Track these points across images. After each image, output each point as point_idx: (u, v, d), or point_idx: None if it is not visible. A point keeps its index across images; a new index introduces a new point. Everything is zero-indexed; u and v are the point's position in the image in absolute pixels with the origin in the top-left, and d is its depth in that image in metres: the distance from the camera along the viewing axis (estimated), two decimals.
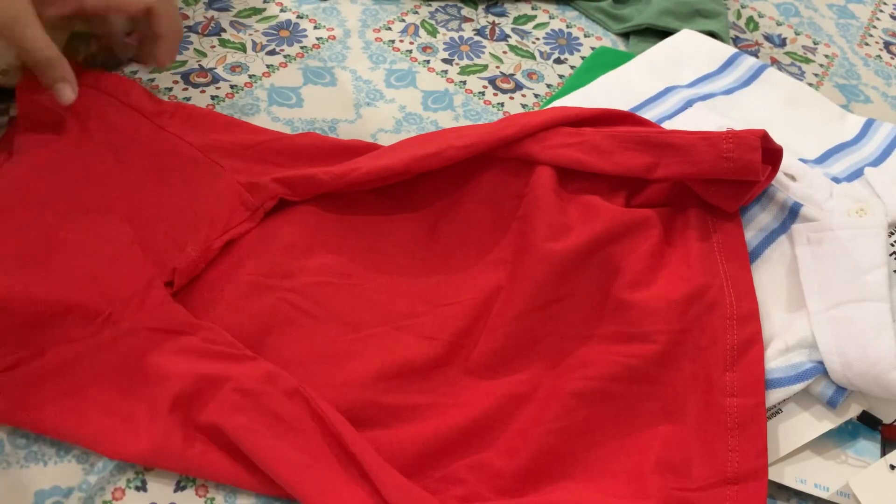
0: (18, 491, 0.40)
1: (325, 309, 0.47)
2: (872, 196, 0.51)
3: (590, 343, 0.46)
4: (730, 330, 0.45)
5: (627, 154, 0.49)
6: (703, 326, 0.45)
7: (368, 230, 0.51)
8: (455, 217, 0.51)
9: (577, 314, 0.47)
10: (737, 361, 0.44)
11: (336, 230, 0.50)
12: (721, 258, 0.48)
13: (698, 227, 0.49)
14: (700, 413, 0.43)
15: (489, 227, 0.50)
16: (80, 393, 0.41)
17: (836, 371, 0.44)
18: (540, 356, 0.46)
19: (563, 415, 0.43)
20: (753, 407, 0.43)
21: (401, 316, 0.47)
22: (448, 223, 0.51)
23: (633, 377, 0.44)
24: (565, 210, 0.48)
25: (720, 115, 0.57)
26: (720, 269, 0.47)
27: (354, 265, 0.49)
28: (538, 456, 0.42)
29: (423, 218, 0.51)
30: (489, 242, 0.50)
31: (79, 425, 0.41)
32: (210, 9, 0.68)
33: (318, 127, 0.60)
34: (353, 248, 0.50)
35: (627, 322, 0.45)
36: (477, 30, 0.71)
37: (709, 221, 0.50)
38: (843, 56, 0.75)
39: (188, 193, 0.49)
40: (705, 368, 0.44)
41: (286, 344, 0.45)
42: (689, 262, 0.47)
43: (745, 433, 0.42)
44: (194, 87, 0.61)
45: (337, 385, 0.43)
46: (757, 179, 0.47)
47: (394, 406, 0.43)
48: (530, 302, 0.46)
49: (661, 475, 0.42)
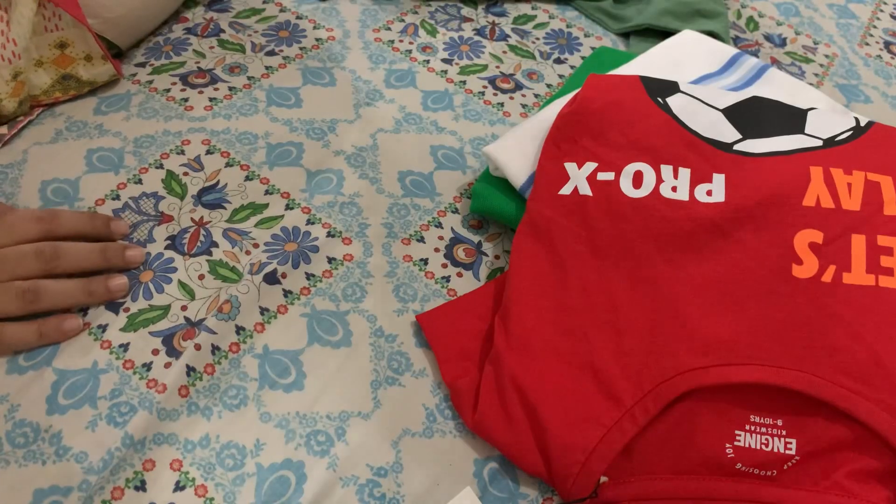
0: (17, 490, 0.40)
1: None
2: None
3: None
4: None
5: None
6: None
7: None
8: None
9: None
10: None
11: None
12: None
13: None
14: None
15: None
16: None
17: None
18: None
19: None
20: None
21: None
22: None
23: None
24: None
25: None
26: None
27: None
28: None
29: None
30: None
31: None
32: (209, 10, 0.68)
33: (317, 127, 0.60)
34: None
35: None
36: (477, 30, 0.71)
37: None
38: (843, 56, 0.75)
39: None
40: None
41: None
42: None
43: None
44: (192, 87, 0.61)
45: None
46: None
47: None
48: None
49: None
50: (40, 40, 0.55)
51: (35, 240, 0.47)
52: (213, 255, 0.51)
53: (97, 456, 0.42)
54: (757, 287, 0.46)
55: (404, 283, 0.52)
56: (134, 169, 0.55)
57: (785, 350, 0.43)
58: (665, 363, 0.43)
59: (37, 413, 0.43)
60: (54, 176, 0.54)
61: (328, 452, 0.43)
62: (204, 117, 0.59)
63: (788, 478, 0.42)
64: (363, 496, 0.42)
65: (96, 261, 0.48)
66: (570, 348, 0.45)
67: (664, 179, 0.50)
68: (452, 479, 0.43)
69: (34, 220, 0.47)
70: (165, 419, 0.43)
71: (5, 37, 0.53)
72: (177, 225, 0.52)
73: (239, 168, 0.56)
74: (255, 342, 0.47)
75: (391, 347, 0.48)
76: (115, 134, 0.57)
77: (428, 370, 0.48)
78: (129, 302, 0.48)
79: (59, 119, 0.58)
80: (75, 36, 0.56)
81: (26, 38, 0.54)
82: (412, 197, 0.57)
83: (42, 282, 0.45)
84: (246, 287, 0.49)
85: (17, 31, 0.53)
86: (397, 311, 0.50)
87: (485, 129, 0.62)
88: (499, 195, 0.54)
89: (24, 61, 0.54)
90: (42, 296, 0.45)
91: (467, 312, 0.49)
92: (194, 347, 0.46)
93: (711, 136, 0.52)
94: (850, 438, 0.42)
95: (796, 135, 0.52)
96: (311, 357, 0.47)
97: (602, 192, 0.50)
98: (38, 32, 0.55)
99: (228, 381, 0.46)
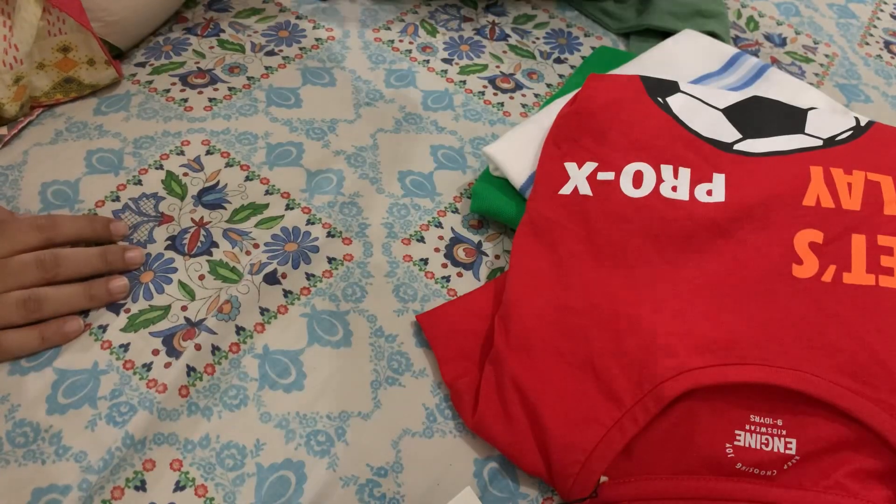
0: (16, 489, 0.40)
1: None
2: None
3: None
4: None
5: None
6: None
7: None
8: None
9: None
10: None
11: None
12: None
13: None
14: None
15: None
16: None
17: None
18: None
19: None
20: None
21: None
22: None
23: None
24: None
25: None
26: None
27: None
28: None
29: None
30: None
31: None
32: (209, 10, 0.68)
33: (317, 127, 0.60)
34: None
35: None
36: (477, 29, 0.71)
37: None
38: (843, 56, 0.74)
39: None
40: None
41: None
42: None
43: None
44: (192, 88, 0.61)
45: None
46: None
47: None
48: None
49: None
50: (43, 44, 0.55)
51: (36, 248, 0.47)
52: (214, 255, 0.51)
53: (97, 456, 0.42)
54: (757, 287, 0.46)
55: (404, 283, 0.52)
56: (134, 170, 0.55)
57: (785, 350, 0.43)
58: (665, 363, 0.43)
59: (37, 413, 0.43)
60: (54, 178, 0.54)
61: (328, 452, 0.43)
62: (204, 118, 0.59)
63: (788, 478, 0.42)
64: (363, 496, 0.42)
65: (97, 265, 0.48)
66: (570, 348, 0.45)
67: (664, 179, 0.50)
68: (452, 479, 0.43)
69: (34, 229, 0.47)
70: (165, 419, 0.44)
71: (7, 42, 0.53)
72: (177, 225, 0.52)
73: (239, 168, 0.56)
74: (255, 342, 0.47)
75: (391, 347, 0.48)
76: (115, 135, 0.57)
77: (428, 370, 0.48)
78: (129, 302, 0.48)
79: (58, 120, 0.58)
80: (78, 40, 0.56)
81: (29, 42, 0.54)
82: (412, 197, 0.57)
83: (44, 290, 0.45)
84: (246, 287, 0.49)
85: (20, 35, 0.53)
86: (397, 311, 0.50)
87: (485, 129, 0.62)
88: (499, 195, 0.54)
89: (26, 66, 0.54)
90: (44, 304, 0.45)
91: (467, 312, 0.49)
92: (194, 347, 0.46)
93: (711, 136, 0.52)
94: (850, 438, 0.42)
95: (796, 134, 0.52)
96: (311, 357, 0.47)
97: (602, 191, 0.50)
98: (41, 37, 0.55)
99: (228, 381, 0.46)
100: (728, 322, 0.45)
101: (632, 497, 0.42)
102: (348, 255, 0.52)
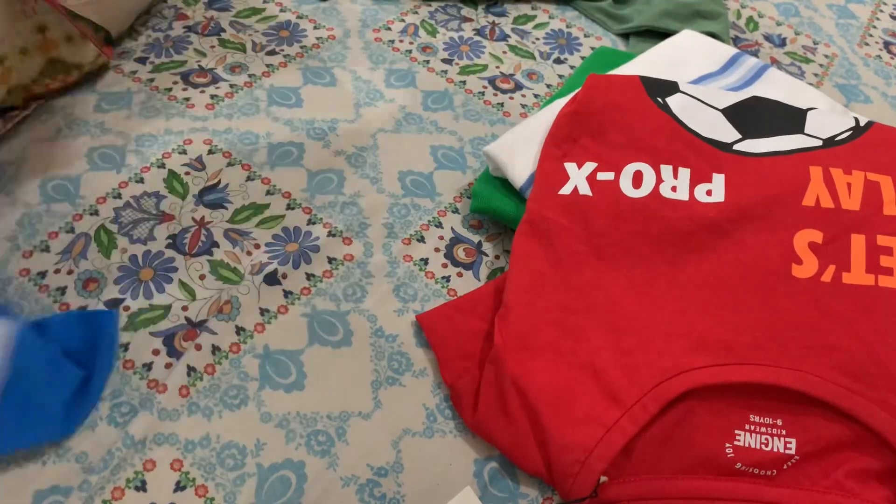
0: (17, 491, 0.40)
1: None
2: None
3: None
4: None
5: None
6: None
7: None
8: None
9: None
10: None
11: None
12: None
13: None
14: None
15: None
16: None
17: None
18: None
19: None
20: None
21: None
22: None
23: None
24: None
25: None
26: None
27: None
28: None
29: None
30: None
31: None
32: (210, 9, 0.68)
33: (317, 127, 0.60)
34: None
35: None
36: (477, 30, 0.71)
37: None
38: (843, 56, 0.75)
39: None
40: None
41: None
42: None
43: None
44: (194, 87, 0.61)
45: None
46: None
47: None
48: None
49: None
50: (20, 27, 0.55)
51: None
52: (214, 255, 0.51)
53: (97, 456, 0.42)
54: (756, 287, 0.46)
55: (404, 283, 0.52)
56: (136, 168, 0.55)
57: (785, 350, 0.43)
58: (665, 363, 0.43)
59: None
60: (55, 173, 0.54)
61: (328, 452, 0.44)
62: (206, 117, 0.59)
63: (788, 477, 0.42)
64: (363, 496, 0.42)
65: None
66: (570, 348, 0.45)
67: (664, 179, 0.50)
68: (452, 479, 0.44)
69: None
70: (166, 419, 0.44)
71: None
72: (178, 224, 0.52)
73: (240, 168, 0.56)
74: (255, 342, 0.47)
75: (391, 347, 0.48)
76: (117, 133, 0.57)
77: (428, 370, 0.48)
78: (129, 301, 0.48)
79: (59, 116, 0.58)
80: (52, 18, 0.56)
81: (2, 25, 0.54)
82: (412, 197, 0.57)
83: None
84: (247, 288, 0.49)
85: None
86: (397, 311, 0.50)
87: (485, 129, 0.62)
88: (499, 195, 0.54)
89: (7, 48, 0.54)
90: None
91: (467, 312, 0.49)
92: (195, 348, 0.46)
93: (711, 136, 0.52)
94: (849, 438, 0.42)
95: (796, 135, 0.52)
96: (312, 357, 0.47)
97: (602, 192, 0.50)
98: (17, 19, 0.54)
99: (229, 381, 0.46)
100: (728, 322, 0.45)
101: (631, 497, 0.42)
102: (349, 255, 0.53)
